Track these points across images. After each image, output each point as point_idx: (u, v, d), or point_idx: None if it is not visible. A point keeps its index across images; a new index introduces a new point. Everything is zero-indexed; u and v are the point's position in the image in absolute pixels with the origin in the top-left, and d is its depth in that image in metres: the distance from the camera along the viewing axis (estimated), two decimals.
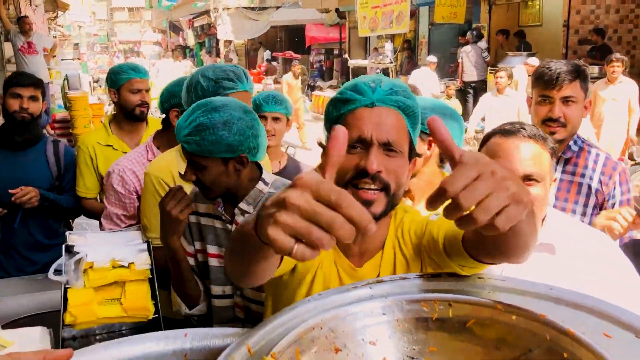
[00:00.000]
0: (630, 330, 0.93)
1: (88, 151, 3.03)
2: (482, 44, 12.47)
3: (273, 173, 2.10)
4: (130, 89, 3.02)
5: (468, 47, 12.32)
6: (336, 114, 1.35)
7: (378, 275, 1.38)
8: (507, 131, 1.62)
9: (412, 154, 1.36)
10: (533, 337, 0.91)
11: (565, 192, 2.32)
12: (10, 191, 2.75)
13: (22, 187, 2.80)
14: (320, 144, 1.63)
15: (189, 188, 1.93)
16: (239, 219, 1.85)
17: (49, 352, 0.88)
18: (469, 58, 12.17)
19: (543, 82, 2.32)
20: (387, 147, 1.28)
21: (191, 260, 1.94)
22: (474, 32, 12.47)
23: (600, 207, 2.32)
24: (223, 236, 1.88)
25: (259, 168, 1.93)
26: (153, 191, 2.21)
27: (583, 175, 2.34)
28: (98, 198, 3.12)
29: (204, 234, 1.90)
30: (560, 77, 2.27)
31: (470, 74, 12.24)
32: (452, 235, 1.22)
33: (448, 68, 14.19)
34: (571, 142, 2.36)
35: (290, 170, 2.98)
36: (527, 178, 1.57)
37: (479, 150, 1.72)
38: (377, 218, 1.29)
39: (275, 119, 3.04)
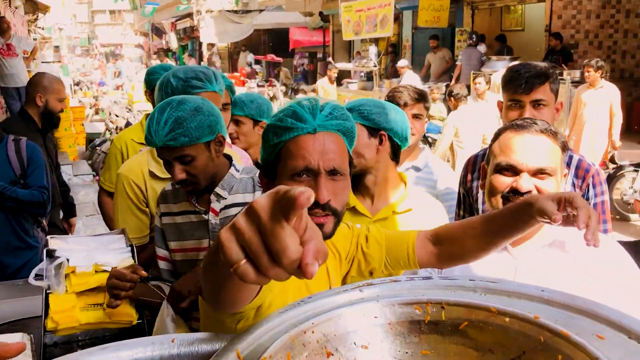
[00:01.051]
0: (623, 331, 0.92)
1: (120, 148, 2.99)
2: (481, 47, 12.53)
3: None
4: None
5: (468, 51, 12.36)
6: (276, 140, 1.34)
7: (327, 271, 1.49)
8: (520, 126, 1.63)
9: (351, 168, 1.42)
10: (527, 339, 0.90)
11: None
12: None
13: None
14: (256, 164, 1.68)
15: (158, 188, 1.98)
16: (215, 205, 1.91)
17: (2, 344, 0.90)
18: (468, 61, 12.21)
19: (512, 86, 2.29)
20: (333, 173, 1.32)
21: (165, 265, 1.95)
22: (474, 36, 12.53)
23: None
24: (201, 228, 1.93)
25: (229, 159, 2.01)
26: (122, 191, 2.25)
27: None
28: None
29: (182, 231, 1.92)
30: (529, 80, 2.24)
31: (469, 77, 12.31)
32: (394, 248, 1.53)
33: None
34: None
35: None
36: (541, 172, 1.59)
37: (491, 144, 1.74)
38: (327, 237, 1.36)
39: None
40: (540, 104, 2.26)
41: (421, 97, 2.74)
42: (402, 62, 12.58)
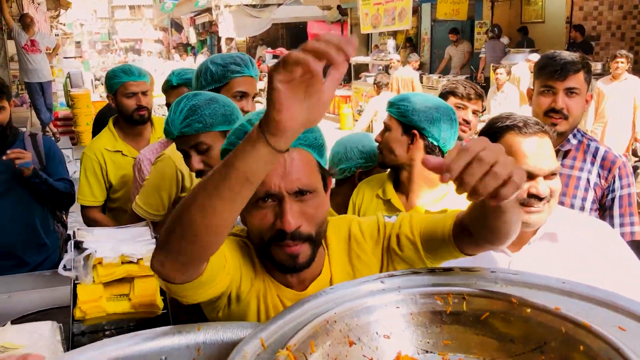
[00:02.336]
0: None
1: (97, 158, 2.96)
2: (504, 39, 12.41)
3: None
4: (125, 93, 2.95)
5: (491, 43, 12.24)
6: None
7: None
8: (523, 127, 1.60)
9: (325, 180, 1.30)
10: (548, 330, 0.91)
11: (563, 187, 2.24)
12: (7, 152, 2.73)
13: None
14: None
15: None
16: None
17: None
18: (491, 53, 12.11)
19: (547, 72, 2.27)
20: (300, 194, 1.21)
21: None
22: (495, 29, 12.41)
23: (599, 201, 2.28)
24: None
25: None
26: (156, 170, 2.38)
27: (582, 169, 2.29)
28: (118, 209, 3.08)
29: None
30: (565, 67, 2.22)
31: (490, 69, 12.19)
32: (427, 233, 1.31)
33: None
34: (570, 135, 2.31)
35: None
36: (552, 174, 1.58)
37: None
38: (306, 266, 1.26)
39: None
40: (574, 91, 2.23)
41: (481, 94, 2.79)
42: (414, 57, 12.62)
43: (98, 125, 3.95)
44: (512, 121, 1.63)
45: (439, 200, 2.08)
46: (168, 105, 3.11)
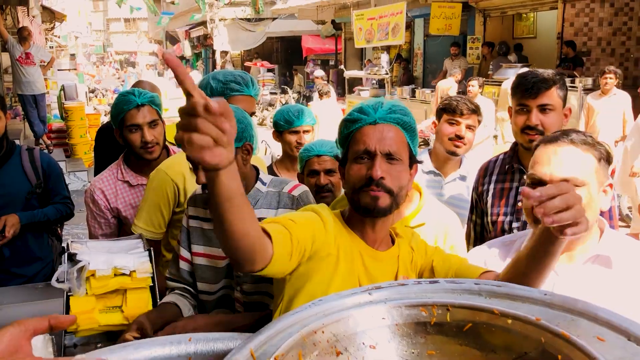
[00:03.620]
0: (622, 334, 0.96)
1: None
2: (512, 57, 12.53)
3: None
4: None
5: (499, 59, 12.33)
6: (346, 132, 1.58)
7: (397, 265, 1.61)
8: (550, 139, 1.66)
9: (412, 161, 1.60)
10: (528, 340, 0.94)
11: None
12: None
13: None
14: (336, 158, 1.79)
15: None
16: None
17: (54, 317, 0.97)
18: (497, 69, 12.20)
19: (520, 91, 2.34)
20: (389, 157, 1.51)
21: (186, 266, 1.98)
22: (504, 46, 12.54)
23: None
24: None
25: (256, 170, 2.02)
26: (158, 188, 2.36)
27: None
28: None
29: (208, 238, 1.97)
30: (536, 85, 2.29)
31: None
32: (461, 271, 1.56)
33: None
34: None
35: None
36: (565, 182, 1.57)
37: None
38: (382, 213, 1.52)
39: (306, 131, 3.08)
40: (547, 108, 2.30)
41: (476, 109, 2.79)
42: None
43: (100, 143, 3.81)
44: (549, 135, 1.71)
45: (417, 214, 2.12)
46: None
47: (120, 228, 2.67)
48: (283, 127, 3.06)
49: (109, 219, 2.59)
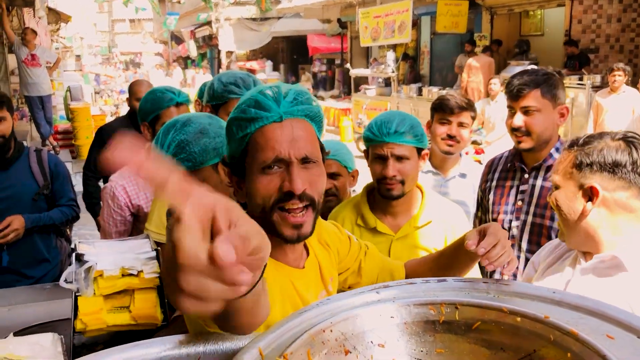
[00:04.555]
0: (632, 331, 0.95)
1: None
2: (532, 56, 12.47)
3: None
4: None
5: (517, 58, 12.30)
6: (242, 133, 1.27)
7: (320, 270, 1.47)
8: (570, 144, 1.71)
9: (323, 153, 1.35)
10: (537, 338, 0.94)
11: (546, 200, 2.32)
12: None
13: (5, 221, 2.78)
14: (223, 162, 1.43)
15: None
16: None
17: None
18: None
19: (507, 93, 2.40)
20: (305, 161, 1.26)
21: None
22: (524, 45, 12.50)
23: None
24: None
25: None
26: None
27: None
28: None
29: None
30: (517, 88, 2.34)
31: None
32: (384, 271, 1.65)
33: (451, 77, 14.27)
34: (553, 150, 2.39)
35: None
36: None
37: None
38: (308, 235, 1.30)
39: None
40: (530, 109, 2.33)
41: (468, 106, 2.78)
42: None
43: (97, 142, 3.95)
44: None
45: (422, 213, 2.15)
46: None
47: (136, 226, 2.67)
48: None
49: (126, 217, 2.59)
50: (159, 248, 1.94)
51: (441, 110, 2.77)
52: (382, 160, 2.08)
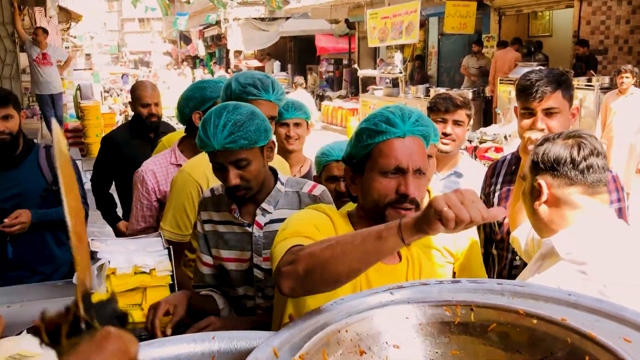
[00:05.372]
0: None
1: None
2: (541, 56, 12.39)
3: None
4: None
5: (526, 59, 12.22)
6: (370, 141, 1.54)
7: (406, 274, 1.61)
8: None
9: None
10: (554, 341, 0.93)
11: None
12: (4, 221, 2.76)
13: (13, 214, 2.79)
14: (343, 160, 1.69)
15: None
16: (260, 219, 1.94)
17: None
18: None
19: (524, 94, 2.29)
20: (418, 172, 1.52)
21: (209, 271, 1.99)
22: (532, 46, 12.42)
23: None
24: (245, 240, 1.95)
25: (272, 170, 2.03)
26: (182, 189, 2.33)
27: None
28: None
29: (224, 240, 1.95)
30: (539, 89, 2.24)
31: None
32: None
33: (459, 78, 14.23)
34: None
35: (311, 176, 2.99)
36: None
37: None
38: None
39: (297, 124, 3.06)
40: (552, 112, 2.26)
41: (463, 104, 2.77)
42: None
43: (103, 154, 3.82)
44: None
45: None
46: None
47: (162, 213, 2.67)
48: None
49: (152, 202, 2.62)
50: (170, 247, 1.95)
51: (437, 108, 2.76)
52: None
